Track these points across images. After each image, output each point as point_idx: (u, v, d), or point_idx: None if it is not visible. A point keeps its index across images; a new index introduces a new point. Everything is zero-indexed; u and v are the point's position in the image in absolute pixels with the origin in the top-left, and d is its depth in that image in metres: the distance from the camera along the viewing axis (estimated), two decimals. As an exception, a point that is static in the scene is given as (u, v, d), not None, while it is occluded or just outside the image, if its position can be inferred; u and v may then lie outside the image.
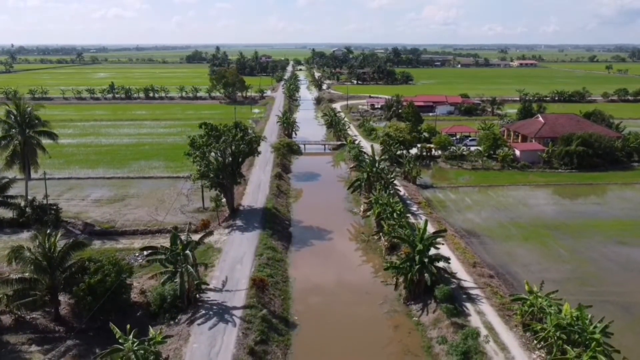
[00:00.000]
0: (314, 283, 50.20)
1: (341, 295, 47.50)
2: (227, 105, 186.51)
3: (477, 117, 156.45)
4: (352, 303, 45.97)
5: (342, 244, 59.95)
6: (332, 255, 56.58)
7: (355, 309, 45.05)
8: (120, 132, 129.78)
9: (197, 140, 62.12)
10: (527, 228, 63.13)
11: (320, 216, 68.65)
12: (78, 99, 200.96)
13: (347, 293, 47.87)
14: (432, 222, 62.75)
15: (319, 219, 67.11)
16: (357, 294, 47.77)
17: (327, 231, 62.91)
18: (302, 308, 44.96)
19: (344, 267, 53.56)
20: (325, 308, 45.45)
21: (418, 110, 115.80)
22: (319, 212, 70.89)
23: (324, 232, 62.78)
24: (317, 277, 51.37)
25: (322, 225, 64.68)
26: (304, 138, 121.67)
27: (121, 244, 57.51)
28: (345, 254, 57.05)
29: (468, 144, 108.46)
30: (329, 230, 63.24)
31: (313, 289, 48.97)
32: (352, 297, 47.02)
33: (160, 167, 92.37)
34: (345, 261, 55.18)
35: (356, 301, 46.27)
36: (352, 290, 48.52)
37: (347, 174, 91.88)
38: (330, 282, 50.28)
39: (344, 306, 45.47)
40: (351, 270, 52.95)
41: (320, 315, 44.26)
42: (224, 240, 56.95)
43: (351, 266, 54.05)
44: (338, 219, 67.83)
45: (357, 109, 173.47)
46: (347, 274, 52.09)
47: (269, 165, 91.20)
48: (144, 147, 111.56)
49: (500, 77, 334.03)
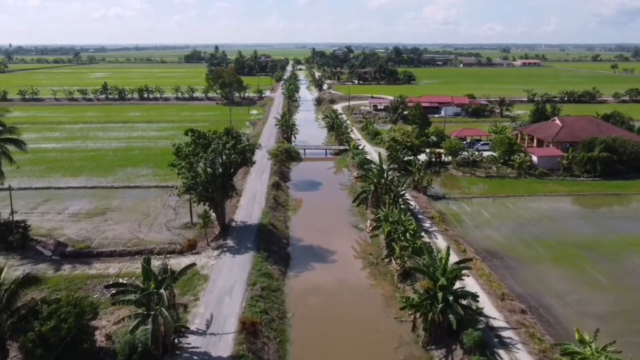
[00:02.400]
0: (315, 318, 42.98)
1: (347, 334, 40.24)
2: (224, 107, 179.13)
3: (486, 119, 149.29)
4: (361, 345, 38.76)
5: (346, 267, 52.71)
6: (335, 283, 49.34)
7: (366, 353, 37.85)
8: (109, 136, 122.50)
9: (182, 149, 54.88)
10: (555, 247, 55.93)
11: (321, 233, 61.46)
12: (70, 100, 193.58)
13: (355, 331, 40.59)
14: (449, 240, 55.59)
15: (320, 236, 59.93)
16: (366, 332, 40.54)
17: (330, 251, 55.68)
18: (302, 355, 37.72)
19: (350, 298, 46.26)
20: (329, 352, 38.23)
21: (425, 112, 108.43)
22: (320, 227, 63.65)
23: (326, 252, 55.55)
24: (319, 311, 44.11)
25: (324, 244, 57.48)
26: (304, 142, 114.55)
27: (94, 269, 50.28)
28: (351, 281, 49.80)
29: (479, 149, 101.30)
30: (331, 250, 56.01)
31: (314, 326, 41.76)
32: (361, 337, 39.80)
33: (149, 174, 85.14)
34: (351, 289, 47.91)
35: (366, 342, 39.05)
36: (360, 327, 41.23)
37: (350, 182, 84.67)
38: (334, 316, 42.98)
39: (352, 349, 38.28)
40: (358, 302, 45.62)
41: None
42: (212, 265, 49.71)
43: (358, 296, 46.71)
44: (342, 237, 60.62)
45: (359, 110, 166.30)
46: (353, 306, 44.78)
47: (265, 173, 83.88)
48: (133, 152, 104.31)
49: (504, 76, 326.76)
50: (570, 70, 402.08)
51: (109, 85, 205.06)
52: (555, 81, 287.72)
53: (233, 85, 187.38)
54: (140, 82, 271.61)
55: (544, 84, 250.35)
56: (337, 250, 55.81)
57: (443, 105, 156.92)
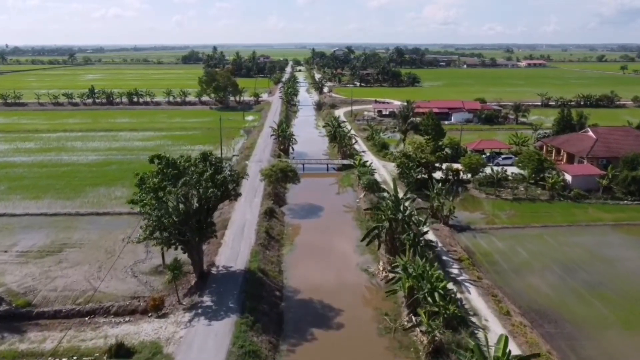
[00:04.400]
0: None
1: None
2: (218, 112, 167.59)
3: (500, 126, 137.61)
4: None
5: (356, 335, 40.89)
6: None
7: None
8: (88, 147, 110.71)
9: (147, 180, 43.08)
10: (620, 304, 44.22)
11: (323, 279, 49.73)
12: (55, 105, 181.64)
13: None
14: (485, 295, 43.94)
15: (321, 285, 48.24)
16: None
17: (335, 310, 43.88)
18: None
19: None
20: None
21: (439, 121, 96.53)
22: (322, 271, 51.88)
23: (330, 311, 43.74)
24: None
25: (327, 298, 45.72)
26: (302, 154, 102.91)
27: (27, 340, 38.51)
28: (363, 358, 38.07)
29: (500, 163, 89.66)
30: (336, 308, 44.21)
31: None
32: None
33: (122, 197, 73.07)
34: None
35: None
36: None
37: (356, 204, 72.83)
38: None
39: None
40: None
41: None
42: (179, 337, 37.84)
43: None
44: (348, 285, 48.88)
45: (362, 115, 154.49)
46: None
47: (258, 197, 71.88)
48: (110, 166, 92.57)
49: (510, 77, 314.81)
50: (577, 71, 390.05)
51: (98, 88, 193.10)
52: (564, 83, 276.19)
53: (228, 88, 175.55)
54: (134, 84, 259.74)
55: (553, 86, 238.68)
56: (343, 308, 44.00)
57: (453, 111, 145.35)
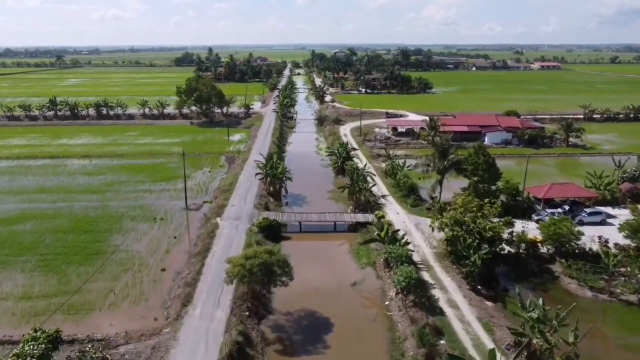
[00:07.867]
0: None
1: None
2: (200, 128, 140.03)
3: (548, 150, 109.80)
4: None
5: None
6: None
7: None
8: (12, 186, 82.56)
9: None
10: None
11: None
12: (9, 119, 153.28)
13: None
14: None
15: None
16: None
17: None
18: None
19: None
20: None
21: (493, 160, 68.08)
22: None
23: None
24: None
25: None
26: (299, 198, 75.45)
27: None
28: None
29: (585, 221, 62.17)
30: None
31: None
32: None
33: (13, 295, 45.42)
34: None
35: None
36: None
37: (388, 306, 44.88)
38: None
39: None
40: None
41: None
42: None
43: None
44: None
45: (373, 133, 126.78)
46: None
47: (221, 310, 43.34)
48: (24, 225, 64.66)
49: (528, 82, 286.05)
50: (596, 74, 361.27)
51: (75, 95, 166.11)
52: (590, 88, 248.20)
53: (212, 99, 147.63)
54: (118, 89, 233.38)
55: (583, 93, 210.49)
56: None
57: (487, 130, 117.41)
